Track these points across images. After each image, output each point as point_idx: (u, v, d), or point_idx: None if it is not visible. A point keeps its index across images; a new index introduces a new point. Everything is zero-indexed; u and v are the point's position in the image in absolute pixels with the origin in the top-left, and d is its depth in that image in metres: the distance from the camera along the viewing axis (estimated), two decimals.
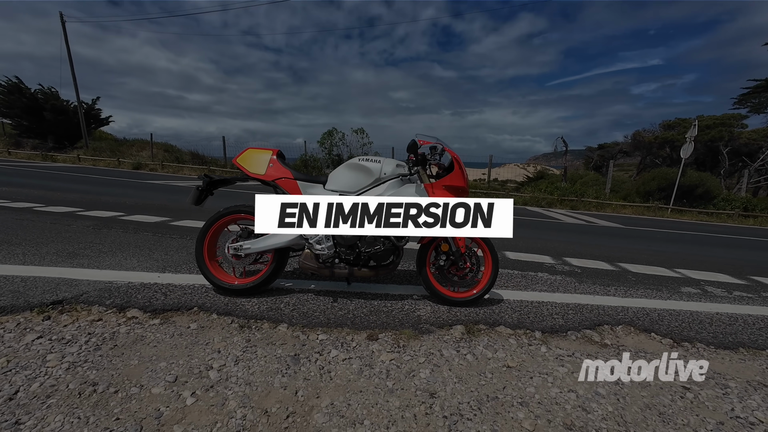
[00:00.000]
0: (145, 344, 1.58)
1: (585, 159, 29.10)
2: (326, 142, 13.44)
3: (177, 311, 1.90)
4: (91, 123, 19.61)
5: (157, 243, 3.14)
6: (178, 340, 1.64)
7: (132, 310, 1.86)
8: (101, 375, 1.35)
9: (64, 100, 19.01)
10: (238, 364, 1.49)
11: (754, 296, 2.98)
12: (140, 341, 1.60)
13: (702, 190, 11.96)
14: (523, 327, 2.04)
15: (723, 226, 9.33)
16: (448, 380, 1.50)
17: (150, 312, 1.86)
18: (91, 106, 19.91)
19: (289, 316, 1.94)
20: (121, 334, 1.64)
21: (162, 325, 1.75)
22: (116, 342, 1.58)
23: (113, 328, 1.69)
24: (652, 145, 21.02)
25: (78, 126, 17.71)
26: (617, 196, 12.44)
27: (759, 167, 17.35)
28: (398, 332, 1.87)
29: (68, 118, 18.31)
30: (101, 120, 20.93)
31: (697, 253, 4.89)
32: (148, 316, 1.83)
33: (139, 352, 1.52)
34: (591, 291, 2.74)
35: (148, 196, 6.54)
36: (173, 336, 1.66)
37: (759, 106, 15.01)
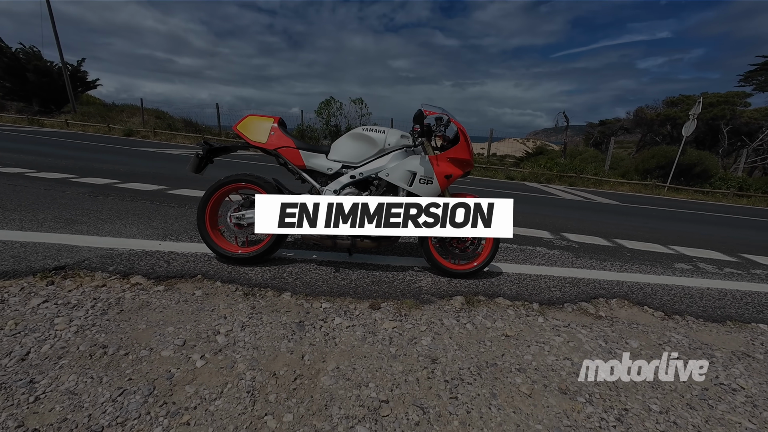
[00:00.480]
0: (151, 310, 1.60)
1: (585, 135, 28.79)
2: (324, 111, 13.11)
3: (181, 278, 1.91)
4: (77, 86, 18.82)
5: (156, 211, 3.11)
6: (184, 306, 1.66)
7: (135, 276, 1.87)
8: (110, 338, 1.37)
9: (48, 61, 18.13)
10: (245, 330, 1.52)
11: (744, 273, 3.06)
12: (146, 307, 1.62)
13: (700, 169, 11.99)
14: (521, 299, 2.09)
15: (717, 205, 9.44)
16: (449, 347, 1.55)
17: (154, 279, 1.87)
18: (77, 68, 19.03)
19: (293, 285, 1.97)
20: (126, 300, 1.65)
21: (167, 292, 1.76)
22: (122, 307, 1.59)
23: (118, 293, 1.70)
24: (653, 123, 20.78)
25: (64, 89, 17.00)
26: (615, 173, 12.45)
27: (757, 147, 17.33)
28: (400, 302, 1.91)
29: (53, 80, 17.54)
30: (88, 83, 20.10)
31: (691, 231, 4.98)
32: (152, 282, 1.84)
33: (146, 317, 1.54)
34: (588, 265, 2.80)
35: (143, 163, 6.41)
36: (179, 302, 1.68)
37: (765, 83, 14.73)
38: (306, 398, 1.17)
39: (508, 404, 1.24)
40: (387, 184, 2.05)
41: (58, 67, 17.58)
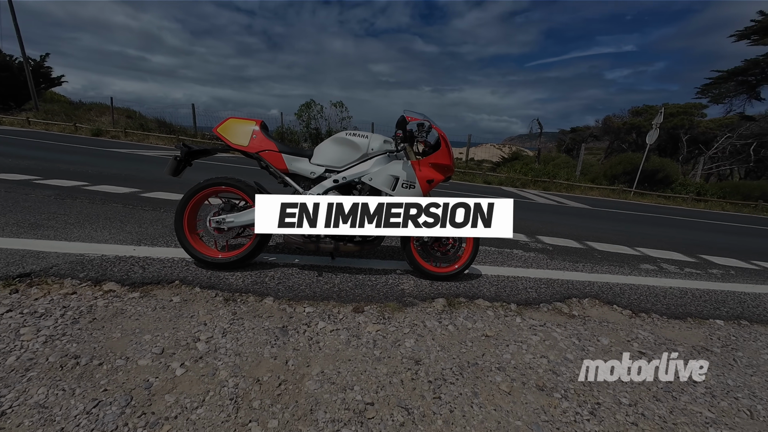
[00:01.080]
0: (126, 317, 1.55)
1: (558, 141, 29.98)
2: (304, 114, 12.99)
3: (157, 284, 1.85)
4: (40, 82, 17.78)
5: (129, 215, 2.99)
6: (161, 313, 1.61)
7: (109, 283, 1.80)
8: (82, 348, 1.31)
9: (7, 55, 17.03)
10: (226, 336, 1.49)
11: (702, 272, 3.28)
12: (120, 314, 1.56)
13: (662, 175, 12.74)
14: (500, 300, 2.15)
15: (678, 209, 10.06)
16: (432, 349, 1.58)
17: (128, 285, 1.81)
18: (40, 64, 17.99)
19: (275, 290, 1.95)
20: (99, 308, 1.59)
21: (142, 299, 1.70)
22: (95, 315, 1.53)
23: (90, 301, 1.63)
24: (620, 131, 21.94)
25: (25, 85, 16.01)
26: (586, 178, 13.03)
27: (712, 155, 18.63)
28: (383, 305, 1.93)
29: (12, 76, 16.48)
30: (52, 80, 19.02)
31: (655, 233, 5.28)
32: (126, 289, 1.77)
33: (120, 326, 1.48)
34: (561, 267, 2.92)
35: (114, 165, 6.13)
36: (155, 309, 1.63)
37: (719, 96, 15.91)
38: (291, 403, 1.17)
39: (489, 402, 1.28)
40: (370, 189, 2.07)
41: (18, 62, 16.56)
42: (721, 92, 15.63)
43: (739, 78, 14.82)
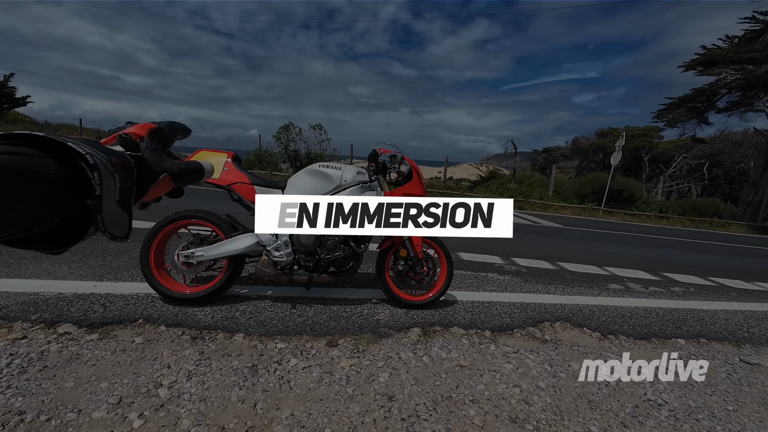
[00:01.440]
0: (82, 363, 1.45)
1: (532, 161, 31.28)
2: (282, 137, 12.98)
3: (119, 324, 1.76)
4: (2, 102, 17.03)
5: (92, 246, 2.85)
6: (121, 356, 1.52)
7: (64, 325, 1.69)
8: (29, 402, 1.22)
9: None
10: (191, 380, 1.42)
11: (665, 291, 3.45)
12: (75, 360, 1.47)
13: (627, 194, 13.47)
14: (474, 327, 2.17)
15: (643, 226, 10.60)
16: (406, 383, 1.57)
17: (86, 326, 1.70)
18: (4, 83, 17.27)
19: (246, 325, 1.89)
20: (51, 353, 1.48)
21: (101, 341, 1.61)
22: (46, 363, 1.43)
23: (42, 346, 1.52)
24: (588, 151, 23.21)
25: None
26: (558, 197, 13.57)
27: (672, 174, 19.95)
28: (358, 337, 1.90)
29: None
30: (16, 100, 18.24)
31: (622, 251, 5.53)
32: (84, 331, 1.67)
33: (74, 373, 1.39)
34: (534, 290, 3.00)
35: None
36: (115, 352, 1.54)
37: (672, 120, 17.20)
38: None
39: None
40: None
41: None
42: (674, 117, 16.91)
43: (689, 104, 16.12)
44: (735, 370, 2.01)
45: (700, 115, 16.24)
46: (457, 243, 4.44)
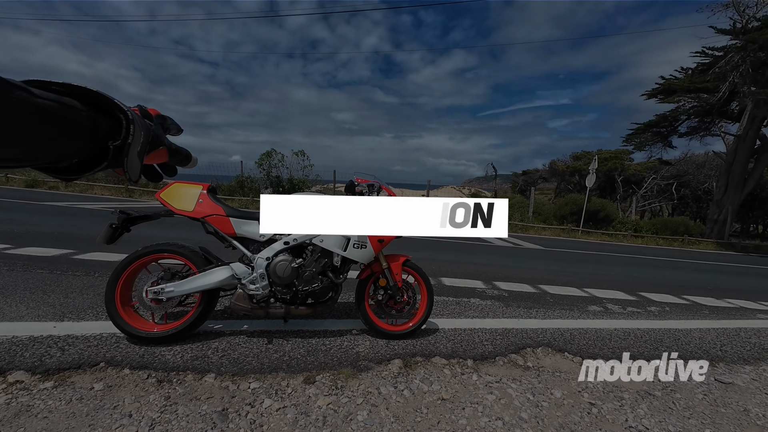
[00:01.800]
0: (32, 416, 1.33)
1: (512, 183, 32.27)
2: (265, 163, 12.98)
3: (77, 369, 1.64)
4: None
5: (55, 283, 2.70)
6: (77, 406, 1.41)
7: (15, 372, 1.56)
8: None
9: None
10: (154, 429, 1.32)
11: (642, 311, 3.52)
12: (25, 413, 1.35)
13: (603, 214, 13.96)
14: (456, 356, 2.14)
15: (619, 246, 10.93)
16: (385, 420, 1.51)
17: (40, 374, 1.58)
18: None
19: (218, 365, 1.80)
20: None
21: (56, 390, 1.49)
22: None
23: None
24: (565, 173, 24.19)
25: None
26: (539, 218, 13.93)
27: (644, 194, 20.91)
28: (336, 372, 1.84)
29: None
30: None
31: (600, 272, 5.65)
32: (37, 379, 1.55)
33: (22, 428, 1.27)
34: (516, 315, 3.00)
35: (47, 221, 5.62)
36: (70, 402, 1.43)
37: (639, 144, 18.27)
38: None
39: None
40: (321, 250, 2.06)
41: None
42: (641, 141, 17.97)
43: (653, 129, 17.21)
44: (711, 390, 2.03)
45: (664, 139, 17.32)
46: (441, 268, 4.45)
